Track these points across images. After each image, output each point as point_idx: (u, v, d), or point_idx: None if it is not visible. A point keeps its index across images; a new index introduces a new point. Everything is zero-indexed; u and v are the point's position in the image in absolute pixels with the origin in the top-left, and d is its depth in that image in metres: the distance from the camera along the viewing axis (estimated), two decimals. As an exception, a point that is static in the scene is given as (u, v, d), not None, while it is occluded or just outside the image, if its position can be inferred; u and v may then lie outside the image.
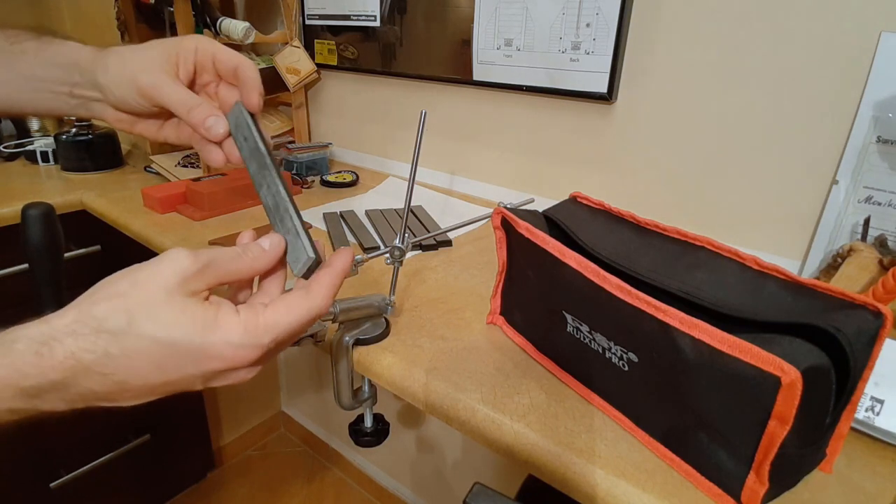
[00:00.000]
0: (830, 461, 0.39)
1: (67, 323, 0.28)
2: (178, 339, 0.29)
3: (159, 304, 0.29)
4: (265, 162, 0.39)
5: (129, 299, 0.29)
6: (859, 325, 0.33)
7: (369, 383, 0.58)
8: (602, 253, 0.44)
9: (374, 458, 1.51)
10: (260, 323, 0.31)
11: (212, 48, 0.43)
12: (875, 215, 0.63)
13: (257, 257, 0.34)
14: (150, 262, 0.31)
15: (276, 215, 0.37)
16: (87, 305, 0.29)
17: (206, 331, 0.29)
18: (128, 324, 0.28)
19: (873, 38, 0.60)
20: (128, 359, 0.28)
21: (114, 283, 0.30)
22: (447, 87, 1.02)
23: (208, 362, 0.30)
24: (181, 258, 0.31)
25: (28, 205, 0.64)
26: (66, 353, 0.27)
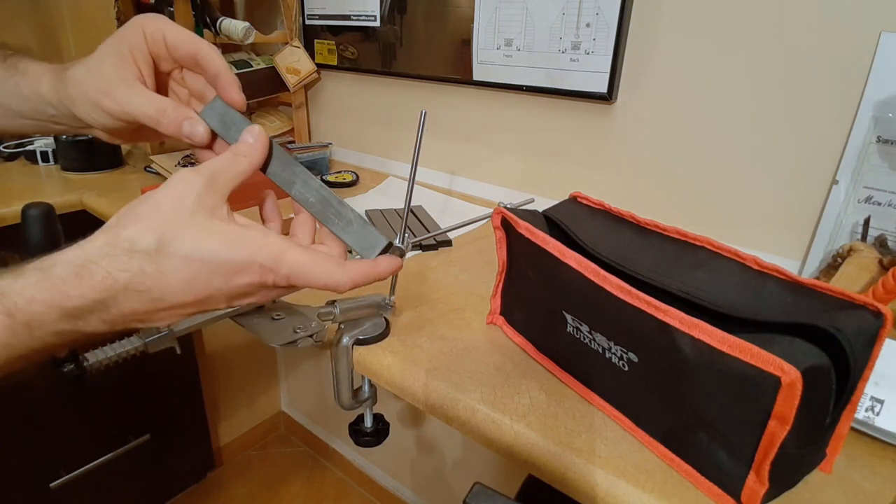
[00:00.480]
0: (830, 461, 0.39)
1: (100, 246, 0.30)
2: (206, 254, 0.31)
3: (184, 223, 0.31)
4: (286, 157, 0.38)
5: (153, 220, 0.30)
6: (859, 325, 0.33)
7: (369, 383, 0.58)
8: (602, 253, 0.44)
9: (374, 458, 1.51)
10: (287, 254, 0.32)
11: (160, 31, 0.39)
12: (875, 215, 0.63)
13: (250, 152, 0.36)
14: (161, 187, 0.32)
15: (328, 210, 0.37)
16: (115, 229, 0.30)
17: (233, 248, 0.31)
18: (157, 242, 0.30)
19: (873, 38, 0.60)
20: (162, 276, 0.30)
21: (136, 208, 0.31)
22: (447, 87, 1.02)
23: (235, 277, 0.32)
24: (187, 177, 0.32)
25: (28, 205, 0.63)
26: (103, 273, 0.29)
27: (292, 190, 0.38)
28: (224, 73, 0.39)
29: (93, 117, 0.40)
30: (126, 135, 0.44)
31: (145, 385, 1.27)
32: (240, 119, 0.38)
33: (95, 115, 0.40)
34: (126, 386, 1.23)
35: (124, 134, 0.43)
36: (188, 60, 0.40)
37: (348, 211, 0.37)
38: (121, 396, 1.23)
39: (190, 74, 0.42)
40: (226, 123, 0.39)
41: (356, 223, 0.37)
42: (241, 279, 0.32)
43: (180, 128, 0.39)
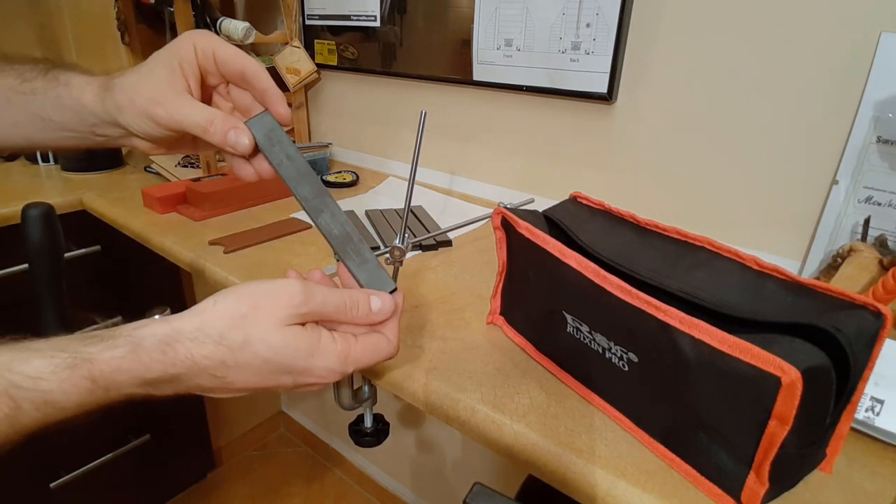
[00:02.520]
0: (830, 461, 0.39)
1: (191, 330, 0.33)
2: (285, 361, 0.35)
3: (272, 330, 0.34)
4: (319, 186, 0.40)
5: (247, 321, 0.34)
6: (859, 325, 0.33)
7: (369, 383, 0.58)
8: (602, 253, 0.44)
9: (374, 458, 1.51)
10: (351, 355, 0.37)
11: (210, 46, 0.41)
12: (875, 215, 0.63)
13: (361, 318, 0.39)
14: (268, 288, 0.36)
15: (347, 245, 0.40)
16: (211, 318, 0.34)
17: (310, 356, 0.35)
18: (244, 341, 0.34)
19: (873, 38, 0.60)
20: (239, 368, 0.34)
21: (237, 303, 0.35)
22: (447, 87, 1.02)
23: (304, 377, 0.36)
24: (297, 294, 0.36)
25: (28, 205, 0.64)
26: (186, 354, 0.32)
27: (319, 218, 0.40)
28: (272, 88, 0.42)
29: (138, 125, 0.42)
30: (166, 144, 0.45)
31: (145, 385, 1.26)
32: (286, 139, 0.41)
33: (142, 123, 0.41)
34: (126, 386, 1.23)
35: (164, 143, 0.45)
36: (235, 76, 0.42)
37: (367, 250, 0.40)
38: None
39: (235, 89, 0.44)
40: (271, 139, 0.41)
41: (371, 263, 0.40)
42: (309, 379, 0.37)
43: (226, 137, 0.41)
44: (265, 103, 0.42)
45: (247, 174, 0.44)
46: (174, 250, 0.77)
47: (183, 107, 0.40)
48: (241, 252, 0.74)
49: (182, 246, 0.76)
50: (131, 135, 0.44)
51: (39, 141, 0.47)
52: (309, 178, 0.40)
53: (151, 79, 0.41)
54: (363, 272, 0.40)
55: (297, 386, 0.37)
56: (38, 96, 0.44)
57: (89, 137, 0.45)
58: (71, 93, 0.43)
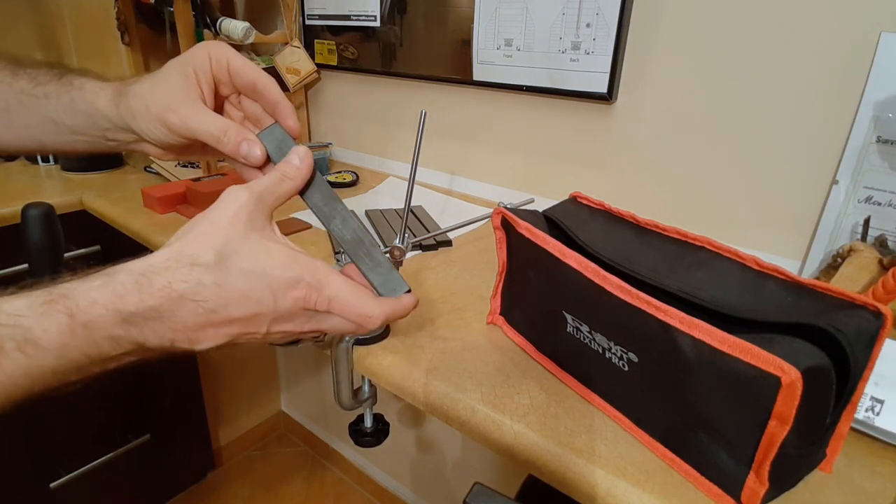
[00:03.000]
0: (830, 461, 0.39)
1: (162, 259, 0.32)
2: (266, 269, 0.33)
3: (241, 240, 0.33)
4: (330, 193, 0.41)
5: (212, 237, 0.33)
6: (859, 325, 0.33)
7: (369, 383, 0.58)
8: (602, 253, 0.44)
9: (374, 458, 1.51)
10: (331, 281, 0.35)
11: (225, 57, 0.42)
12: (875, 215, 0.63)
13: (295, 175, 0.38)
14: (217, 203, 0.35)
15: (360, 249, 0.40)
16: (177, 245, 0.33)
17: (286, 263, 0.34)
18: (217, 256, 0.32)
19: (873, 38, 0.60)
20: (218, 287, 0.32)
21: (195, 227, 0.34)
22: (447, 87, 1.02)
23: (283, 294, 0.34)
24: (239, 195, 0.35)
25: (28, 205, 0.64)
26: (163, 282, 0.31)
27: (331, 224, 0.40)
28: (282, 101, 0.42)
29: (151, 131, 0.42)
30: (176, 150, 0.46)
31: (145, 385, 1.27)
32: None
33: (154, 129, 0.42)
34: (126, 386, 1.23)
35: (175, 150, 0.45)
36: (247, 87, 0.43)
37: (378, 253, 0.40)
38: (121, 396, 1.23)
39: (246, 100, 0.45)
40: (281, 150, 0.42)
41: (384, 266, 0.40)
42: (288, 296, 0.34)
43: (238, 148, 0.41)
44: (276, 115, 0.43)
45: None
46: (174, 250, 0.77)
47: (196, 115, 0.41)
48: (241, 252, 0.74)
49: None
50: (143, 140, 0.44)
51: (50, 144, 0.47)
52: (319, 185, 0.41)
53: (166, 86, 0.42)
54: (376, 275, 0.40)
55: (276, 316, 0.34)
56: (51, 100, 0.44)
57: (100, 142, 0.46)
58: (85, 97, 0.44)
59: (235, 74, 0.42)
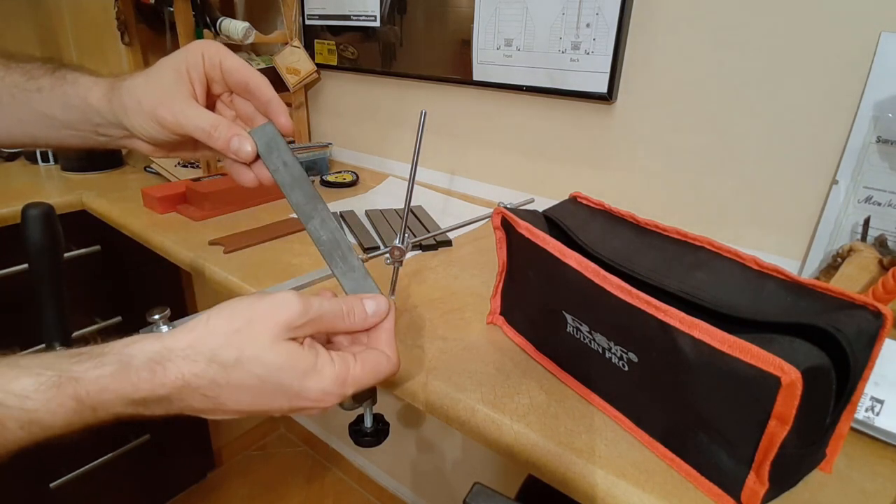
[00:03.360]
0: (830, 461, 0.39)
1: (183, 347, 0.31)
2: (280, 380, 0.33)
3: (267, 346, 0.33)
4: (312, 192, 0.41)
5: (241, 337, 0.32)
6: (859, 325, 0.33)
7: (369, 383, 0.58)
8: (602, 253, 0.44)
9: (374, 458, 1.51)
10: (349, 376, 0.35)
11: (218, 56, 0.42)
12: (875, 215, 0.63)
13: (358, 323, 0.38)
14: (267, 301, 0.34)
15: (335, 252, 0.40)
16: (203, 335, 0.32)
17: (306, 377, 0.33)
18: (236, 360, 0.32)
19: (873, 38, 0.60)
20: (231, 388, 0.32)
21: (232, 319, 0.33)
22: (447, 87, 1.02)
23: (299, 400, 0.34)
24: (293, 307, 0.34)
25: (28, 205, 0.63)
26: (177, 374, 0.31)
27: (309, 224, 0.40)
28: (274, 101, 0.43)
29: (143, 127, 0.43)
30: (167, 147, 0.46)
31: (145, 385, 1.26)
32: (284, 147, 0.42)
33: (146, 125, 0.42)
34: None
35: (166, 146, 0.46)
36: (240, 87, 0.43)
37: (354, 258, 0.40)
38: (121, 396, 1.23)
39: (238, 99, 0.45)
40: (270, 147, 0.42)
41: (358, 272, 0.40)
42: (306, 402, 0.34)
43: (229, 143, 0.42)
44: (268, 114, 0.43)
45: (247, 179, 0.44)
46: (174, 250, 0.77)
47: (188, 111, 0.41)
48: (241, 252, 0.74)
49: (182, 246, 0.76)
50: (134, 136, 0.44)
51: (42, 138, 0.47)
52: (302, 183, 0.41)
53: (159, 83, 0.42)
54: (349, 280, 0.40)
55: (293, 410, 0.35)
56: (44, 94, 0.45)
57: (92, 137, 0.46)
58: (78, 92, 0.44)
59: (228, 73, 0.43)
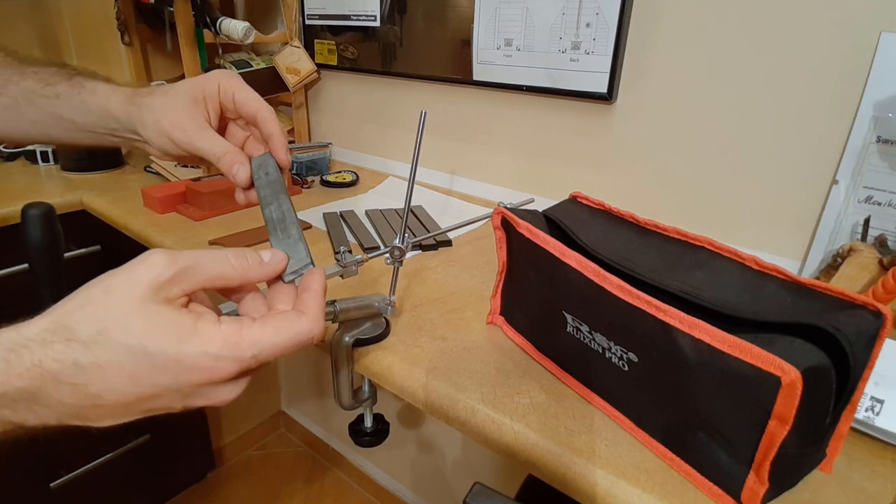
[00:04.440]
0: (830, 461, 0.39)
1: (38, 331, 0.27)
2: (151, 347, 0.27)
3: (132, 311, 0.28)
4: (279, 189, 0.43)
5: (100, 306, 0.28)
6: (859, 325, 0.33)
7: (369, 383, 0.58)
8: (602, 253, 0.44)
9: (374, 459, 1.51)
10: (244, 336, 0.29)
11: (232, 88, 0.46)
12: (875, 215, 0.63)
13: (250, 267, 0.33)
14: (125, 266, 0.29)
15: (279, 226, 0.40)
16: (59, 314, 0.28)
17: (182, 340, 0.28)
18: (98, 332, 0.27)
19: (873, 38, 0.60)
20: (99, 369, 0.27)
21: (87, 290, 0.29)
22: (447, 87, 1.02)
23: (185, 374, 0.28)
24: (157, 262, 0.29)
25: (28, 205, 0.63)
26: (33, 360, 0.26)
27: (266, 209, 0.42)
28: (276, 135, 0.46)
29: (158, 141, 0.47)
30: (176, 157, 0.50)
31: (145, 385, 1.26)
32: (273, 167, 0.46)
33: (161, 140, 0.46)
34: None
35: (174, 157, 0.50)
36: (249, 117, 0.48)
37: (295, 229, 0.40)
38: (121, 396, 1.23)
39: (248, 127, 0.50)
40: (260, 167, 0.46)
41: (293, 238, 0.39)
42: (194, 376, 0.28)
43: (231, 169, 0.46)
44: (270, 146, 0.47)
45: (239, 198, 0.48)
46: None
47: (202, 137, 0.46)
48: (241, 252, 0.74)
49: (182, 246, 0.76)
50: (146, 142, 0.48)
51: (57, 138, 0.51)
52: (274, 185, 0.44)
53: (176, 106, 0.46)
54: (281, 244, 0.39)
55: (185, 393, 0.29)
56: (62, 100, 0.48)
57: (107, 138, 0.50)
58: (97, 100, 0.48)
59: (240, 105, 0.47)
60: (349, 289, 0.63)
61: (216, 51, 1.13)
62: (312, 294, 0.34)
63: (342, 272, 0.52)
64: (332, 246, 0.76)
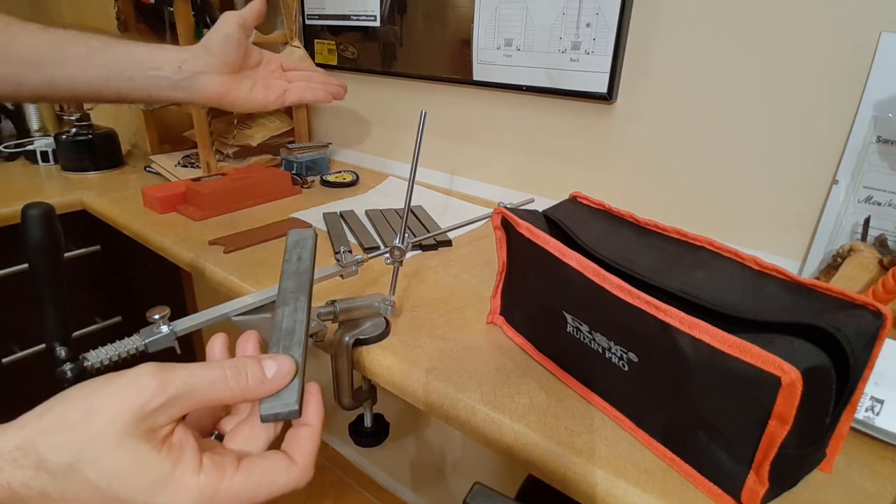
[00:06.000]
0: (830, 461, 0.39)
1: (11, 450, 0.25)
2: (121, 493, 0.25)
3: (108, 446, 0.25)
4: (304, 287, 0.37)
5: (76, 434, 0.26)
6: (859, 325, 0.33)
7: (369, 383, 0.58)
8: (602, 253, 0.44)
9: (374, 458, 1.51)
10: (221, 490, 0.27)
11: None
12: (875, 215, 0.63)
13: (250, 388, 0.29)
14: (113, 383, 0.27)
15: (284, 339, 0.33)
16: (34, 431, 0.26)
17: (155, 491, 0.26)
18: (69, 465, 0.25)
19: (873, 38, 0.60)
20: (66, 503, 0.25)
21: (68, 407, 0.26)
22: (447, 87, 1.02)
23: None
24: (145, 386, 0.26)
25: (28, 205, 0.63)
26: (3, 481, 0.25)
27: (280, 308, 0.35)
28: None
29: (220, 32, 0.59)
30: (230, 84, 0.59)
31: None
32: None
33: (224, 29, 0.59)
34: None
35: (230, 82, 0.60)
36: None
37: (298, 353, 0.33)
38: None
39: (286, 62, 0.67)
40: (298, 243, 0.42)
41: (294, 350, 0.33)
42: None
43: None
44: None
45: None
46: (174, 250, 0.77)
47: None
48: (241, 252, 0.74)
49: (182, 246, 0.76)
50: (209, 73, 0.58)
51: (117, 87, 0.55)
52: (301, 276, 0.38)
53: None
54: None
55: None
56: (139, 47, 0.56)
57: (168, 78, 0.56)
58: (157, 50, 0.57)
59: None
60: (349, 289, 0.63)
61: (216, 51, 1.13)
62: (309, 433, 0.31)
63: (342, 272, 0.52)
64: (332, 246, 0.76)
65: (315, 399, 0.32)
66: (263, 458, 0.30)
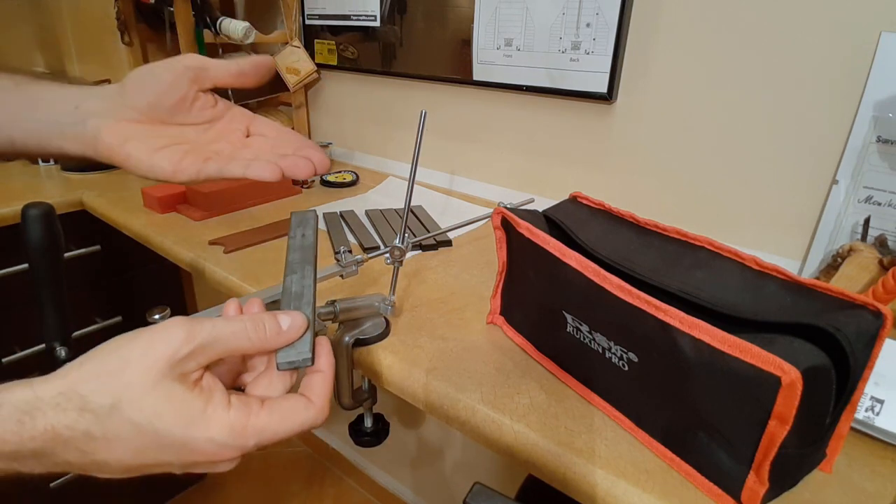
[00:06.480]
0: (830, 461, 0.39)
1: (53, 395, 0.28)
2: (160, 429, 0.28)
3: (146, 389, 0.28)
4: (310, 259, 0.40)
5: (115, 379, 0.28)
6: (859, 325, 0.33)
7: (369, 383, 0.58)
8: (602, 253, 0.44)
9: (375, 458, 1.51)
10: (249, 425, 0.30)
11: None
12: (875, 215, 0.63)
13: (268, 339, 0.32)
14: (144, 335, 0.29)
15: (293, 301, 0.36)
16: (75, 379, 0.28)
17: (191, 426, 0.29)
18: (111, 406, 0.28)
19: (873, 38, 0.60)
20: (107, 442, 0.28)
21: (105, 358, 0.29)
22: (447, 87, 1.02)
23: (188, 455, 0.29)
24: (175, 336, 0.29)
25: (28, 205, 0.63)
26: (46, 425, 0.27)
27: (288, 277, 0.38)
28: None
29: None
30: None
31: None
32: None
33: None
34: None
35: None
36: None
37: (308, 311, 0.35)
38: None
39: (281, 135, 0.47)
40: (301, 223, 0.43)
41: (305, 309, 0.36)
42: (197, 457, 0.30)
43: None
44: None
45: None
46: (174, 250, 0.77)
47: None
48: (241, 252, 0.74)
49: (182, 246, 0.76)
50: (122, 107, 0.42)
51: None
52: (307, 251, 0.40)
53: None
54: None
55: (185, 466, 0.31)
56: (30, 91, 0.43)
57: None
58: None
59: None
60: (349, 289, 0.63)
61: (216, 51, 1.13)
62: (322, 378, 0.34)
63: (342, 272, 0.52)
64: (332, 246, 0.76)
65: (326, 350, 0.35)
66: (284, 399, 0.32)
